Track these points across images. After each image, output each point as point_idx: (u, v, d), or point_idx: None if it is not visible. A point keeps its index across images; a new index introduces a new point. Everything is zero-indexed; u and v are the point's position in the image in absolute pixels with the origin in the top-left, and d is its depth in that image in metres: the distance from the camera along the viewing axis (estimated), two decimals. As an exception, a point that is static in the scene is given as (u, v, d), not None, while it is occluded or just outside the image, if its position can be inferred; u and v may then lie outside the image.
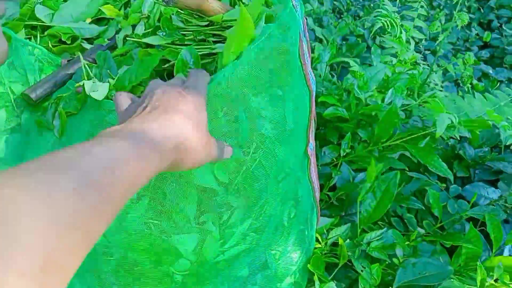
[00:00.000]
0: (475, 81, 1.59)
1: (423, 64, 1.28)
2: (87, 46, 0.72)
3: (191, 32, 0.60)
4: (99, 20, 0.78)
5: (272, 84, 0.53)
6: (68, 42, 0.73)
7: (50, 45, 0.72)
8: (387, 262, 0.78)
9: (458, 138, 1.04)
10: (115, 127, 0.36)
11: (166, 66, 0.58)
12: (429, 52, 1.79)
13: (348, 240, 0.81)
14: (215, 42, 0.58)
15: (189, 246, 0.54)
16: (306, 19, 0.65)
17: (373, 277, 0.72)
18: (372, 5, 2.03)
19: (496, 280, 0.76)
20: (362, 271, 0.74)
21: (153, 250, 0.54)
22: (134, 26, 0.69)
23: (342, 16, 1.90)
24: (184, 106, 0.40)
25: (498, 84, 1.71)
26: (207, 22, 0.58)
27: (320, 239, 0.81)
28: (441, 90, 1.29)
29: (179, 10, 0.59)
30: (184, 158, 0.39)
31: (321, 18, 1.64)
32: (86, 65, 0.60)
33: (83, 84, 0.58)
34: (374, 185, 0.86)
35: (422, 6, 1.23)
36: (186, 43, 0.59)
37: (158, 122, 0.38)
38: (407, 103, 1.14)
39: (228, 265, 0.61)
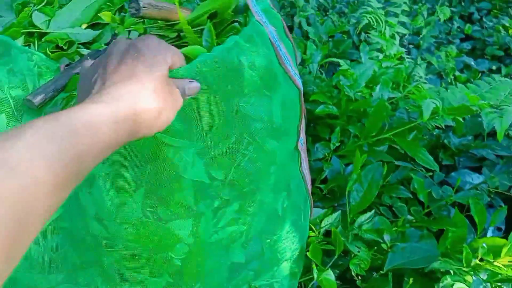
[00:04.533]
0: (457, 73, 1.64)
1: (408, 58, 1.32)
2: (84, 51, 0.75)
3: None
4: (94, 25, 0.81)
5: (257, 86, 0.56)
6: (65, 47, 0.75)
7: (48, 51, 0.74)
8: (375, 248, 0.82)
9: (443, 127, 1.08)
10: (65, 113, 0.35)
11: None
12: (413, 46, 1.84)
13: (340, 228, 0.86)
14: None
15: (185, 229, 0.57)
16: (284, 23, 0.69)
17: (363, 262, 0.76)
18: (356, 1, 2.07)
19: (481, 260, 0.80)
20: (358, 252, 0.78)
21: (152, 237, 0.57)
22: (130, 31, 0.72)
23: (327, 13, 1.94)
24: (140, 69, 0.40)
25: (480, 75, 1.76)
26: (177, 33, 0.61)
27: (314, 229, 0.85)
28: (425, 83, 1.34)
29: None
30: (147, 126, 0.40)
31: (308, 16, 1.68)
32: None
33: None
34: (360, 176, 0.91)
35: (405, 2, 1.28)
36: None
37: (111, 101, 0.37)
38: (393, 96, 1.18)
39: (225, 248, 0.64)
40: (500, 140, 0.87)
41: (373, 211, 0.85)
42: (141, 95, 0.39)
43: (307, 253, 0.78)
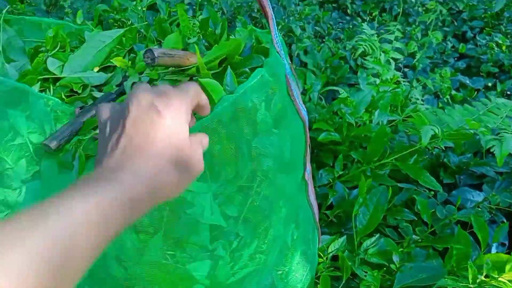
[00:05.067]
0: (453, 92, 1.69)
1: (403, 80, 1.37)
2: (97, 94, 0.79)
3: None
4: (105, 68, 0.85)
5: (267, 124, 0.58)
6: (79, 91, 0.80)
7: (63, 96, 0.79)
8: (385, 268, 0.85)
9: (443, 149, 1.12)
10: (85, 181, 0.34)
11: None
12: (408, 69, 1.89)
13: (346, 252, 0.88)
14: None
15: (202, 271, 0.60)
16: (292, 57, 0.73)
17: (373, 283, 0.79)
18: (351, 27, 2.14)
19: (486, 276, 0.82)
20: (365, 276, 0.81)
21: (171, 279, 0.60)
22: (141, 73, 0.77)
23: (324, 40, 2.00)
24: (159, 137, 0.38)
25: (476, 93, 1.81)
26: (189, 77, 0.66)
27: (321, 255, 0.88)
28: (422, 104, 1.38)
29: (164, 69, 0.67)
30: (163, 197, 0.39)
31: (306, 46, 1.74)
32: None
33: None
34: (366, 199, 0.94)
35: (398, 29, 1.33)
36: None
37: (131, 172, 0.36)
38: (392, 119, 1.22)
39: (239, 286, 0.67)
40: (500, 166, 0.91)
41: (378, 235, 0.88)
42: (160, 168, 0.37)
43: (318, 285, 0.80)
